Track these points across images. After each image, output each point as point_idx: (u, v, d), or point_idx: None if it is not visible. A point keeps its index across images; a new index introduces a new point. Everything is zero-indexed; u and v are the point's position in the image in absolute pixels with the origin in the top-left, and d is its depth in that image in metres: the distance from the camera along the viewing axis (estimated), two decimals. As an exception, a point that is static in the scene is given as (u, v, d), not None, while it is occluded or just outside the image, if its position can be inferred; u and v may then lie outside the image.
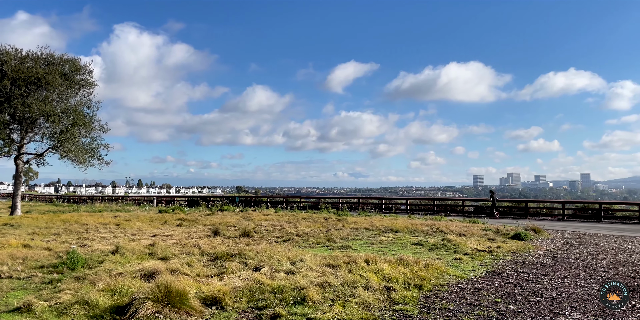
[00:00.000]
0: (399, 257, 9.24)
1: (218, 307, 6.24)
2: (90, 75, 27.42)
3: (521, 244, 12.77)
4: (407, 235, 14.57)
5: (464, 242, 12.41)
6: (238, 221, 19.33)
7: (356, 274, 7.82)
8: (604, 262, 10.18)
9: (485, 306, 6.47)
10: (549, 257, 10.73)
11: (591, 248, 12.38)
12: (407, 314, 6.09)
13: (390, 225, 17.00)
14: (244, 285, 7.07)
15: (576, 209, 27.87)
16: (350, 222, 18.74)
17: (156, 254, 10.30)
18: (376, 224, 17.80)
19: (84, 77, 27.11)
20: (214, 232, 14.57)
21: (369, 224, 17.68)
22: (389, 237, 14.19)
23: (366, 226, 17.20)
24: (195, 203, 37.50)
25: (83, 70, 27.08)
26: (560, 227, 19.32)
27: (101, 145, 28.03)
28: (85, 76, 27.17)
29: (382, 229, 16.28)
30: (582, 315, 6.06)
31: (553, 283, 8.00)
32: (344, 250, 11.12)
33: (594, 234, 16.33)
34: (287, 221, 19.21)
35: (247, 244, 12.17)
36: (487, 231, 15.44)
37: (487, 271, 9.04)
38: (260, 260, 9.06)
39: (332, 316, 5.82)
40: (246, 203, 37.49)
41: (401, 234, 14.91)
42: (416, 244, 12.86)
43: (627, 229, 19.20)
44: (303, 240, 13.38)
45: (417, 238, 13.90)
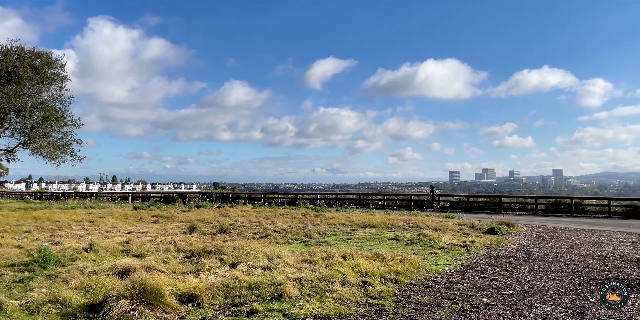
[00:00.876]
0: (375, 252, 9.31)
1: (194, 304, 6.20)
2: (62, 69, 26.80)
3: (495, 238, 13.01)
4: (384, 231, 14.69)
5: (440, 237, 12.59)
6: (215, 218, 19.20)
7: (333, 269, 7.86)
8: (574, 255, 10.45)
9: (460, 300, 6.58)
10: (521, 251, 10.97)
11: (562, 242, 12.69)
12: (384, 308, 6.15)
13: (368, 221, 17.12)
14: (221, 281, 7.03)
15: (548, 204, 28.51)
16: (328, 217, 18.80)
17: (131, 251, 10.16)
18: (354, 219, 17.90)
19: (56, 71, 26.48)
20: (191, 228, 14.43)
21: (347, 220, 17.77)
22: (366, 233, 14.29)
23: (344, 222, 17.28)
24: (171, 199, 37.08)
25: (55, 64, 26.44)
26: (533, 221, 19.75)
27: (74, 140, 27.47)
28: (57, 70, 26.54)
29: (360, 225, 16.38)
30: (553, 308, 6.22)
31: (525, 276, 8.18)
32: (321, 246, 11.16)
33: (565, 228, 16.73)
34: (265, 217, 19.17)
35: (224, 240, 12.10)
36: (462, 226, 15.69)
37: (462, 265, 9.19)
38: (237, 256, 9.02)
39: (309, 312, 5.84)
40: (223, 199, 37.24)
41: (378, 229, 15.03)
42: (393, 239, 12.99)
43: (597, 223, 19.74)
44: (281, 236, 13.38)
45: (394, 233, 14.03)
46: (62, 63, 26.88)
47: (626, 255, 10.48)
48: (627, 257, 10.23)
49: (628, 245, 12.11)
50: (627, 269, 8.90)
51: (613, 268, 8.96)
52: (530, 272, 8.51)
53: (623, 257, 10.23)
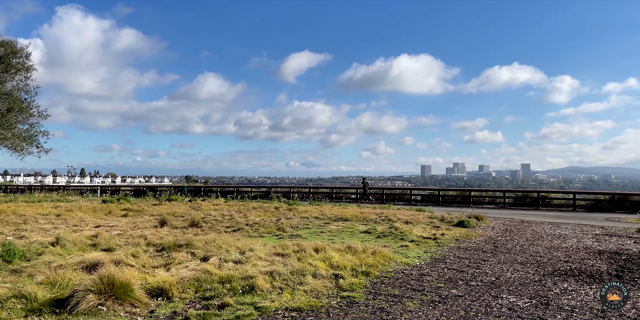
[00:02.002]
0: (347, 245, 9.39)
1: (164, 298, 6.14)
2: (27, 58, 25.84)
3: (464, 231, 13.28)
4: (357, 224, 14.82)
5: (411, 230, 12.78)
6: (186, 211, 19.00)
7: (305, 262, 7.89)
8: (540, 247, 10.75)
9: (429, 291, 6.71)
10: (489, 244, 11.23)
11: (529, 234, 13.05)
12: (354, 300, 6.22)
13: (340, 214, 17.22)
14: (192, 275, 6.98)
15: (516, 198, 29.22)
16: (301, 211, 18.83)
17: (99, 245, 9.98)
18: (326, 213, 17.98)
19: (21, 60, 25.52)
20: (161, 222, 14.25)
21: (320, 213, 17.84)
22: (338, 226, 14.38)
23: (317, 215, 17.34)
24: (142, 193, 36.50)
25: (20, 53, 25.47)
26: (501, 214, 20.22)
27: (40, 132, 26.60)
28: (23, 59, 25.58)
29: (332, 218, 16.47)
30: (518, 298, 6.40)
31: (493, 268, 8.39)
32: (294, 239, 11.18)
33: (532, 221, 17.20)
34: (237, 211, 19.07)
35: (196, 234, 12.00)
36: (433, 219, 15.95)
37: (432, 257, 9.36)
38: (208, 250, 8.96)
39: (281, 304, 5.86)
40: (195, 193, 36.87)
41: (351, 223, 15.14)
42: (365, 232, 13.11)
43: (562, 216, 20.35)
44: (253, 230, 13.34)
45: (366, 226, 14.16)
46: (27, 52, 25.94)
47: (589, 247, 10.84)
48: (590, 249, 10.59)
49: (591, 237, 12.53)
50: (590, 260, 9.21)
51: (576, 260, 9.26)
52: (498, 264, 8.73)
53: (586, 249, 10.58)
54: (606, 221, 17.77)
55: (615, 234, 13.20)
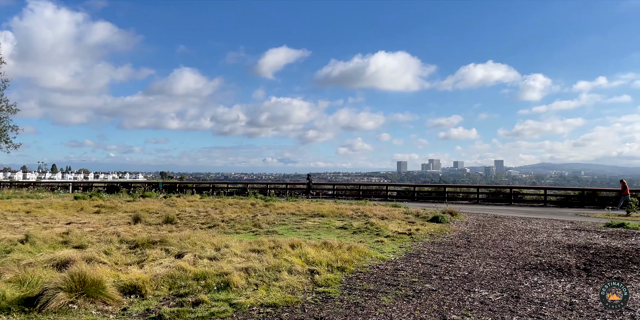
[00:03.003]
0: (323, 241, 9.43)
1: (137, 296, 6.06)
2: (-5, 50, 25.13)
3: (439, 226, 13.47)
4: (333, 220, 14.87)
5: (386, 225, 12.89)
6: (161, 207, 18.76)
7: (281, 258, 7.89)
8: (511, 242, 10.98)
9: (403, 286, 6.79)
10: (463, 239, 11.41)
11: (501, 229, 13.31)
12: (330, 295, 6.25)
13: (317, 210, 17.25)
14: (166, 272, 6.90)
15: (489, 193, 29.75)
16: (277, 207, 18.79)
17: (71, 243, 9.77)
18: (303, 209, 17.99)
19: (-12, 52, 24.81)
20: (135, 219, 14.03)
21: (296, 209, 17.84)
22: (315, 222, 14.41)
23: (293, 211, 17.34)
24: (115, 189, 35.86)
25: (-13, 45, 24.75)
26: (474, 210, 20.57)
27: (9, 127, 26.01)
28: (-10, 52, 24.86)
29: (309, 214, 16.49)
30: (490, 292, 6.53)
31: (465, 262, 8.53)
32: (270, 236, 11.16)
33: (504, 216, 17.54)
34: (213, 207, 18.92)
35: (170, 230, 11.86)
36: (408, 215, 16.12)
37: (407, 253, 9.46)
38: (183, 247, 8.87)
39: (256, 300, 5.85)
40: (170, 189, 36.41)
41: (327, 219, 15.19)
42: (341, 227, 13.17)
43: (533, 211, 20.81)
44: (229, 226, 13.26)
45: (342, 222, 14.23)
46: (-5, 44, 25.20)
47: (559, 241, 11.13)
48: (560, 243, 10.86)
49: (561, 232, 12.85)
50: (559, 254, 9.45)
51: (546, 254, 9.50)
52: (470, 259, 8.89)
53: (556, 243, 10.86)
54: (576, 216, 18.25)
55: (584, 229, 13.57)
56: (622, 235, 12.13)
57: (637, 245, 10.52)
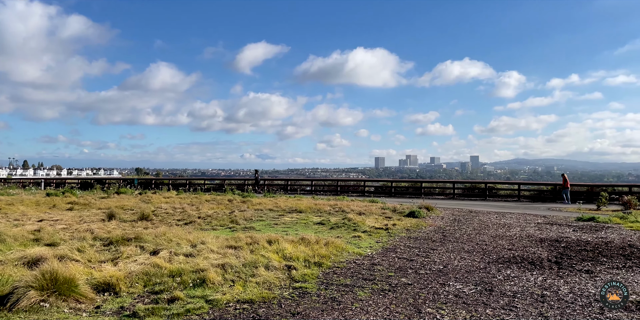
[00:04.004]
0: (301, 237, 9.43)
1: (111, 293, 5.97)
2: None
3: (415, 221, 13.62)
4: (311, 215, 14.90)
5: (363, 221, 12.97)
6: (136, 204, 18.49)
7: (258, 254, 7.87)
8: (485, 236, 11.18)
9: (380, 280, 6.85)
10: (438, 233, 11.56)
11: (476, 224, 13.53)
12: (307, 291, 6.26)
13: (295, 206, 17.26)
14: (140, 269, 6.81)
15: (465, 188, 30.19)
16: (255, 203, 18.72)
17: (42, 240, 9.56)
18: (281, 205, 17.97)
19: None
20: (109, 215, 13.80)
21: (274, 205, 17.81)
22: (292, 218, 14.41)
23: (271, 207, 17.30)
24: (89, 186, 35.19)
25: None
26: (450, 205, 20.84)
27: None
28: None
29: (287, 210, 16.48)
30: (464, 285, 6.64)
31: (441, 256, 8.65)
32: (247, 232, 11.12)
33: (479, 211, 17.83)
34: (190, 204, 18.74)
35: (146, 227, 11.70)
36: (385, 210, 16.24)
37: (383, 247, 9.54)
38: (158, 243, 8.77)
39: (232, 297, 5.83)
40: (146, 185, 35.91)
41: (305, 214, 15.21)
42: (319, 223, 13.20)
43: (507, 206, 21.20)
44: (205, 223, 13.16)
45: (319, 218, 14.26)
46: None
47: (531, 235, 11.36)
48: (532, 237, 11.10)
49: (533, 226, 13.13)
50: (532, 248, 9.66)
51: (519, 247, 9.69)
52: (446, 253, 9.01)
53: (528, 237, 11.09)
54: (548, 210, 18.66)
55: (555, 223, 13.89)
56: (592, 229, 12.45)
57: (606, 239, 10.82)
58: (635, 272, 7.51)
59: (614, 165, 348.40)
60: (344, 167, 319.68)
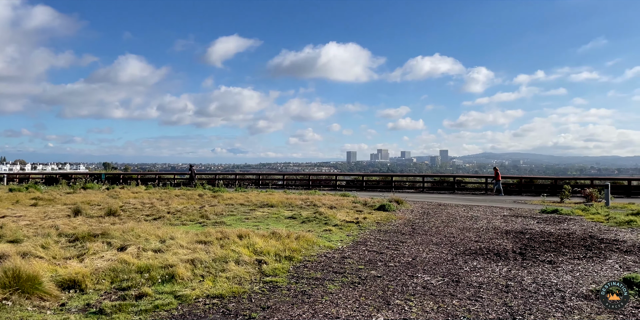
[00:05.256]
0: (272, 231, 9.43)
1: (77, 290, 5.85)
2: None
3: (385, 214, 13.78)
4: (282, 210, 14.89)
5: (335, 215, 13.04)
6: (103, 199, 18.11)
7: (228, 249, 7.83)
8: (453, 229, 11.40)
9: (350, 273, 6.92)
10: (408, 226, 11.73)
11: (444, 217, 13.78)
12: (277, 285, 6.28)
13: (266, 200, 17.21)
14: (107, 266, 6.70)
15: (434, 182, 30.66)
16: (226, 198, 18.59)
17: (4, 237, 9.28)
18: (252, 199, 17.89)
19: None
20: (75, 211, 13.48)
21: (245, 200, 17.72)
22: (264, 212, 14.37)
23: (242, 202, 17.21)
24: (54, 181, 34.23)
25: None
26: (420, 198, 21.15)
27: None
28: None
29: (258, 204, 16.43)
30: (432, 277, 6.77)
31: (410, 249, 8.79)
32: (217, 227, 11.03)
33: (447, 204, 18.15)
34: (159, 198, 18.46)
35: (113, 223, 11.49)
36: (356, 203, 16.37)
37: (354, 241, 9.63)
38: (126, 239, 8.62)
39: (202, 292, 5.79)
40: (114, 180, 35.16)
41: (276, 209, 15.19)
42: (290, 217, 13.21)
43: (475, 199, 21.65)
44: (175, 218, 13.00)
45: (291, 212, 14.27)
46: None
47: (497, 227, 11.65)
48: (498, 229, 11.38)
49: (499, 218, 13.46)
50: (498, 240, 9.91)
51: (485, 239, 9.93)
52: (415, 245, 9.16)
53: (494, 229, 11.36)
54: (514, 203, 19.15)
55: (521, 215, 14.27)
56: (556, 221, 12.85)
57: (568, 230, 11.19)
58: (596, 262, 7.80)
59: (577, 159, 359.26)
60: (316, 162, 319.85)
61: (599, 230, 11.23)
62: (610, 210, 14.92)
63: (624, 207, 16.38)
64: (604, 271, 7.14)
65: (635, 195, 22.96)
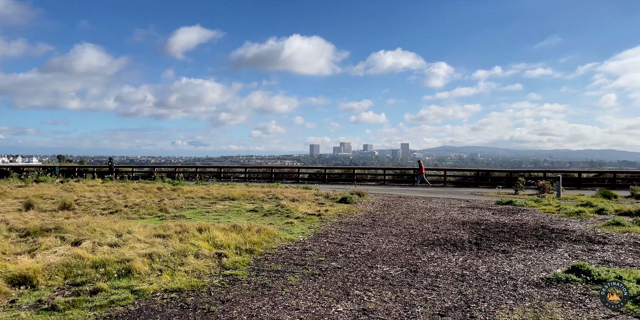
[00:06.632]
0: (233, 224, 9.35)
1: (28, 287, 5.65)
2: None
3: (347, 207, 13.90)
4: (244, 203, 14.78)
5: (297, 207, 13.06)
6: (57, 193, 17.48)
7: (187, 242, 7.73)
8: (413, 220, 11.62)
9: (310, 265, 6.96)
10: (368, 218, 11.88)
11: (404, 208, 14.03)
12: (237, 277, 6.25)
13: (228, 194, 17.04)
14: (61, 261, 6.49)
15: (395, 175, 31.11)
16: (186, 191, 18.29)
17: (-51, 233, 8.83)
18: (213, 192, 17.68)
19: None
20: (27, 205, 12.97)
21: (206, 193, 17.49)
22: (225, 205, 14.23)
23: (202, 195, 16.98)
24: (4, 173, 32.78)
25: None
26: (381, 191, 21.43)
27: None
28: None
29: (219, 198, 16.25)
30: (391, 267, 6.89)
31: (370, 240, 8.91)
32: (177, 220, 10.86)
33: (407, 196, 18.47)
34: (116, 192, 17.98)
35: (67, 217, 11.11)
36: (318, 196, 16.43)
37: (315, 233, 9.68)
38: (81, 234, 8.37)
39: (160, 286, 5.70)
40: (69, 173, 33.99)
41: (238, 202, 15.07)
42: (252, 210, 13.14)
43: (434, 191, 22.11)
44: (133, 212, 12.70)
45: (253, 205, 14.19)
46: None
47: (455, 218, 11.96)
48: (455, 220, 11.68)
49: (457, 210, 13.82)
50: (455, 230, 10.17)
51: (443, 230, 10.18)
52: (375, 237, 9.30)
53: (452, 220, 11.66)
54: (471, 195, 19.67)
55: (477, 207, 14.69)
56: (510, 212, 13.30)
57: (522, 221, 11.60)
58: (546, 251, 8.13)
59: (531, 152, 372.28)
60: (279, 155, 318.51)
61: (550, 220, 11.70)
62: (561, 202, 15.56)
63: (574, 199, 17.10)
64: (554, 260, 7.45)
65: (585, 187, 24.00)
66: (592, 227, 10.53)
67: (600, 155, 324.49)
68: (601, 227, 10.46)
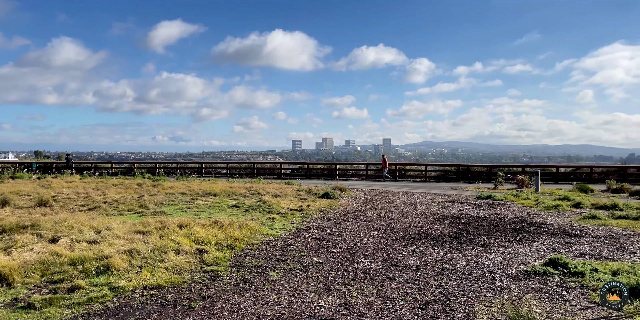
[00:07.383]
0: (214, 220, 9.29)
1: (3, 285, 5.54)
2: None
3: (329, 202, 13.92)
4: (225, 199, 14.70)
5: (279, 203, 13.03)
6: (34, 189, 17.14)
7: (168, 239, 7.65)
8: (394, 215, 11.70)
9: (292, 260, 6.96)
10: (350, 213, 11.93)
11: (386, 203, 14.11)
12: (218, 273, 6.22)
13: (209, 189, 16.92)
14: (37, 258, 6.37)
15: (377, 170, 31.22)
16: (166, 187, 18.11)
17: None
18: (194, 188, 17.53)
19: None
20: (3, 202, 12.69)
21: (187, 189, 17.34)
22: (206, 201, 14.13)
23: (183, 191, 16.83)
24: (-22, 170, 32.00)
25: None
26: (363, 186, 21.51)
27: None
28: None
29: (200, 193, 16.13)
30: (372, 261, 6.93)
31: (352, 235, 8.94)
32: (157, 216, 10.75)
33: (389, 191, 18.58)
34: (95, 188, 17.71)
35: (44, 213, 10.90)
36: (300, 191, 16.43)
37: (297, 228, 9.68)
38: (58, 230, 8.22)
39: (139, 283, 5.64)
40: (46, 170, 33.36)
41: (219, 197, 14.98)
42: (233, 206, 13.07)
43: (416, 186, 22.28)
44: (112, 208, 12.53)
45: (234, 201, 14.12)
46: None
47: (435, 213, 12.07)
48: (436, 214, 11.79)
49: (438, 204, 13.95)
50: (435, 225, 10.27)
51: (424, 224, 10.27)
52: (356, 231, 9.33)
53: (433, 215, 11.77)
54: (452, 190, 19.88)
55: (457, 201, 14.85)
56: (489, 206, 13.48)
57: (501, 215, 11.77)
58: (525, 244, 8.26)
59: (511, 147, 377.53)
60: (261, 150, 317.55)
61: (529, 214, 11.89)
62: (539, 196, 15.82)
63: (552, 193, 17.41)
64: (532, 253, 7.58)
65: (562, 182, 24.45)
66: (569, 221, 10.73)
67: (577, 150, 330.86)
68: (578, 221, 10.67)
